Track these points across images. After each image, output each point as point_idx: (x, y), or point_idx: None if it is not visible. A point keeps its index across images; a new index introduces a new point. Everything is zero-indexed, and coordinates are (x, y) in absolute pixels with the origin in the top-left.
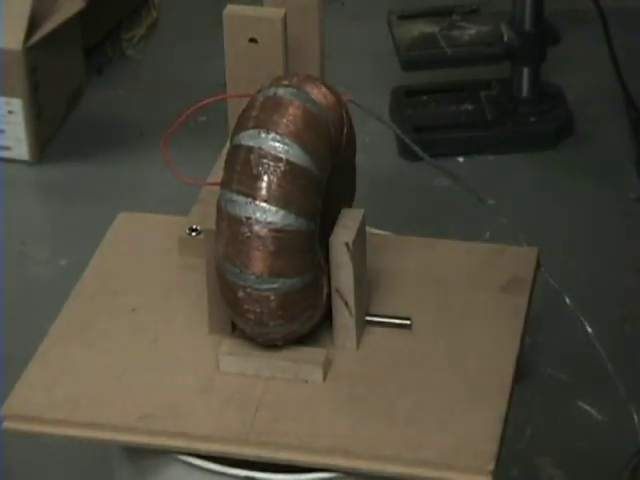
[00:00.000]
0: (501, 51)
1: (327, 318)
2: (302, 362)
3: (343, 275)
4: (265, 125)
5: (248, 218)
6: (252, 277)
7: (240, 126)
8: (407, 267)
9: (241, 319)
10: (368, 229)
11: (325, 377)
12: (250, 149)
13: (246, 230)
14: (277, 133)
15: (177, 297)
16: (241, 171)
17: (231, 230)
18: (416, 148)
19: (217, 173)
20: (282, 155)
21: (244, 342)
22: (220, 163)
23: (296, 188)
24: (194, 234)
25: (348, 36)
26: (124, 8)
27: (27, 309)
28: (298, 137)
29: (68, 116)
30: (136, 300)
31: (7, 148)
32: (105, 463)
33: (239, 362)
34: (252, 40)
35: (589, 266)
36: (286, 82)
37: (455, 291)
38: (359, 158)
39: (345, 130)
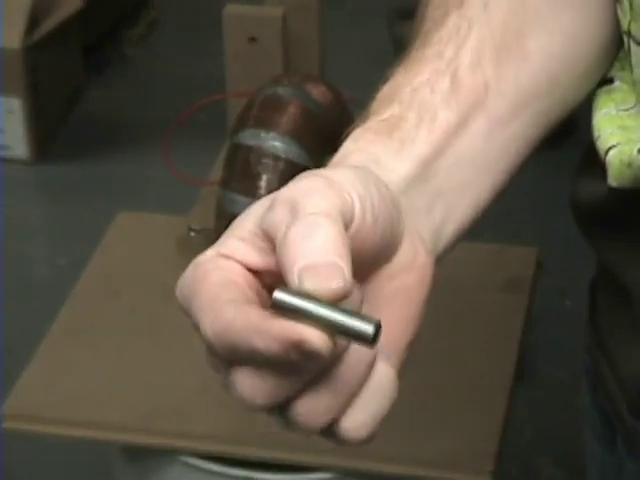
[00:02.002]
0: None
1: None
2: None
3: None
4: (265, 124)
5: None
6: None
7: (240, 125)
8: None
9: None
10: None
11: None
12: (250, 148)
13: None
14: (277, 132)
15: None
16: (241, 170)
17: None
18: None
19: (217, 172)
20: (281, 154)
21: None
22: (220, 163)
23: None
24: (194, 234)
25: (348, 36)
26: (123, 7)
27: (27, 309)
28: (297, 136)
29: (67, 115)
30: (136, 300)
31: (6, 147)
32: (105, 463)
33: None
34: (252, 39)
35: (589, 266)
36: (286, 81)
37: (455, 291)
38: None
39: (345, 129)
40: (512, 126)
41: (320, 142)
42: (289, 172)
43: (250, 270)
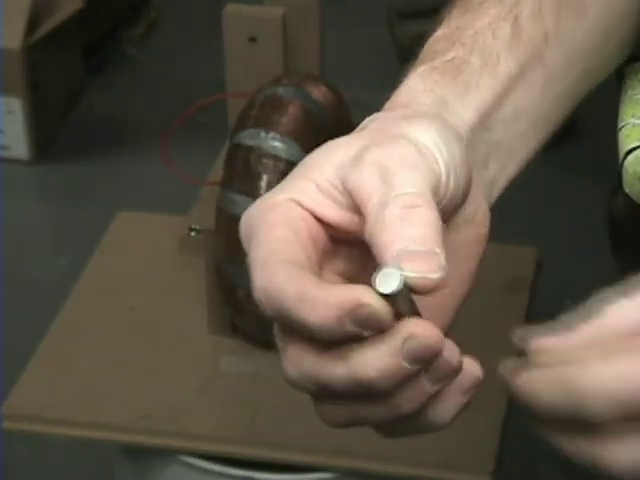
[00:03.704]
0: None
1: None
2: None
3: None
4: (265, 124)
5: None
6: None
7: (240, 125)
8: None
9: (241, 319)
10: None
11: None
12: (250, 148)
13: None
14: (277, 132)
15: (177, 297)
16: (241, 170)
17: (231, 230)
18: None
19: (217, 172)
20: (282, 154)
21: (244, 342)
22: (220, 163)
23: None
24: (194, 234)
25: (348, 36)
26: (123, 7)
27: (27, 309)
28: (298, 136)
29: (68, 116)
30: (136, 300)
31: (6, 148)
32: (105, 463)
33: (239, 362)
34: (252, 39)
35: (589, 266)
36: (286, 81)
37: None
38: None
39: (345, 129)
40: (565, 82)
41: (320, 142)
42: (289, 172)
43: (317, 218)
